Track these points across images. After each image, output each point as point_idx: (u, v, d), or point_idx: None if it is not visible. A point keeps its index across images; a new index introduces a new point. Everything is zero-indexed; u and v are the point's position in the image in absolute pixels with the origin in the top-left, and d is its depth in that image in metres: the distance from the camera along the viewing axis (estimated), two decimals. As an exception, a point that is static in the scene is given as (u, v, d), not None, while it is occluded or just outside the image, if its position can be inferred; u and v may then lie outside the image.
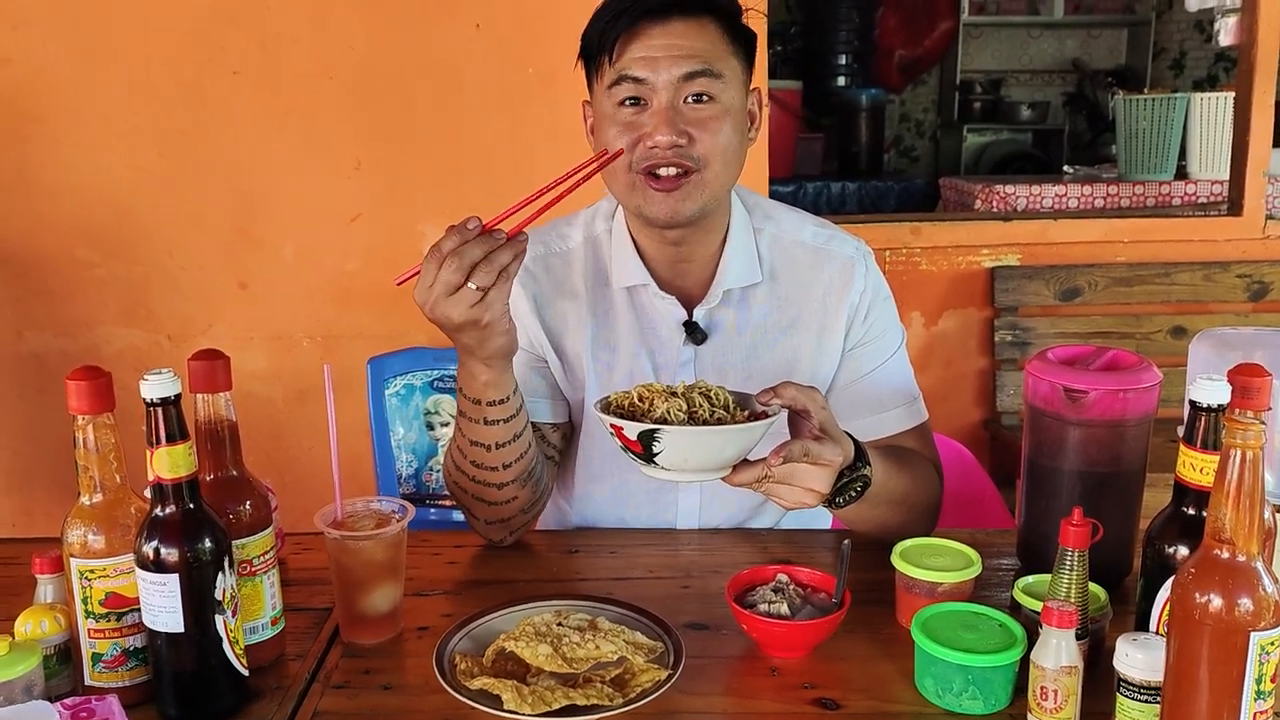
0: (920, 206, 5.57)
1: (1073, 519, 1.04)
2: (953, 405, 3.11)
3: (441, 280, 1.13)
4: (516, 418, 1.31)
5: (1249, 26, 2.98)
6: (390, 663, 1.15)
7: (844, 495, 1.23)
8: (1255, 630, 0.86)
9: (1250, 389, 1.00)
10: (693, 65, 1.29)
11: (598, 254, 1.48)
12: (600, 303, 1.46)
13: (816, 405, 1.17)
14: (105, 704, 0.94)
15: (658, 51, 1.29)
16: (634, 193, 1.35)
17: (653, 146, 1.30)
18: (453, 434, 1.35)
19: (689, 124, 1.30)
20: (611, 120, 1.33)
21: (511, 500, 1.36)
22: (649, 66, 1.29)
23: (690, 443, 1.12)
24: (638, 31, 1.29)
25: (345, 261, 2.72)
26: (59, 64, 2.61)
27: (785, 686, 1.09)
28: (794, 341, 1.46)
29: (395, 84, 2.64)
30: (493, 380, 1.25)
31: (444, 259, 1.13)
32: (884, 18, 6.54)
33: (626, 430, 1.12)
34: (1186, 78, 6.51)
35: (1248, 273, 3.06)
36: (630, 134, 1.31)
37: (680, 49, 1.29)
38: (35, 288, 2.73)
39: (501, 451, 1.31)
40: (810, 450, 1.14)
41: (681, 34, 1.29)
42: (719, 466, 1.15)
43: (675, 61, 1.29)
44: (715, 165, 1.33)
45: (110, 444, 1.03)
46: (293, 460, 2.74)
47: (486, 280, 1.13)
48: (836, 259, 1.47)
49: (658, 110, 1.30)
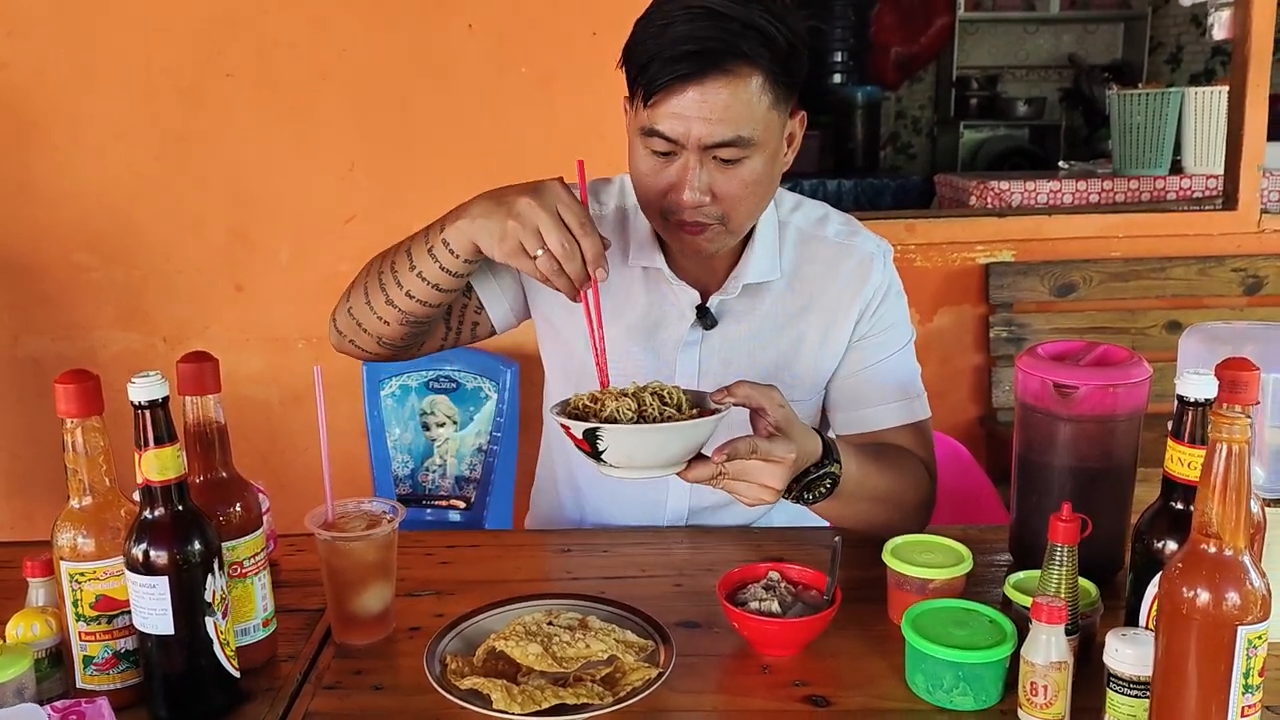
0: (916, 203, 5.57)
1: (1061, 514, 1.05)
2: (948, 402, 3.11)
3: (551, 228, 1.17)
4: (446, 291, 1.32)
5: (1242, 21, 2.98)
6: (382, 663, 1.15)
7: (812, 492, 1.24)
8: (1243, 624, 0.86)
9: (1238, 383, 0.99)
10: (722, 135, 1.24)
11: (624, 225, 1.48)
12: (616, 273, 1.44)
13: (773, 403, 1.17)
14: (95, 706, 0.94)
15: (690, 110, 1.23)
16: (662, 225, 1.36)
17: (678, 201, 1.29)
18: (401, 243, 1.35)
19: (715, 182, 1.28)
20: (643, 161, 1.31)
21: (382, 320, 1.37)
22: (680, 126, 1.24)
23: (631, 441, 1.13)
24: (673, 86, 1.23)
25: (340, 263, 2.71)
26: (56, 68, 2.61)
27: (776, 684, 1.09)
28: (800, 331, 1.46)
29: (389, 86, 2.64)
30: (464, 250, 1.26)
31: (566, 239, 1.17)
32: (880, 14, 6.55)
33: (573, 429, 1.14)
34: (1183, 72, 6.52)
35: (1242, 267, 3.06)
36: (657, 181, 1.30)
37: (713, 114, 1.23)
38: (32, 292, 2.74)
39: (413, 287, 1.32)
40: (759, 447, 1.14)
41: (716, 91, 1.22)
42: (666, 463, 1.15)
43: (706, 126, 1.23)
44: (739, 218, 1.33)
45: (99, 447, 1.03)
46: (288, 462, 2.74)
47: (546, 268, 1.18)
48: (856, 254, 1.47)
49: (684, 168, 1.27)
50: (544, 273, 1.19)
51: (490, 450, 2.59)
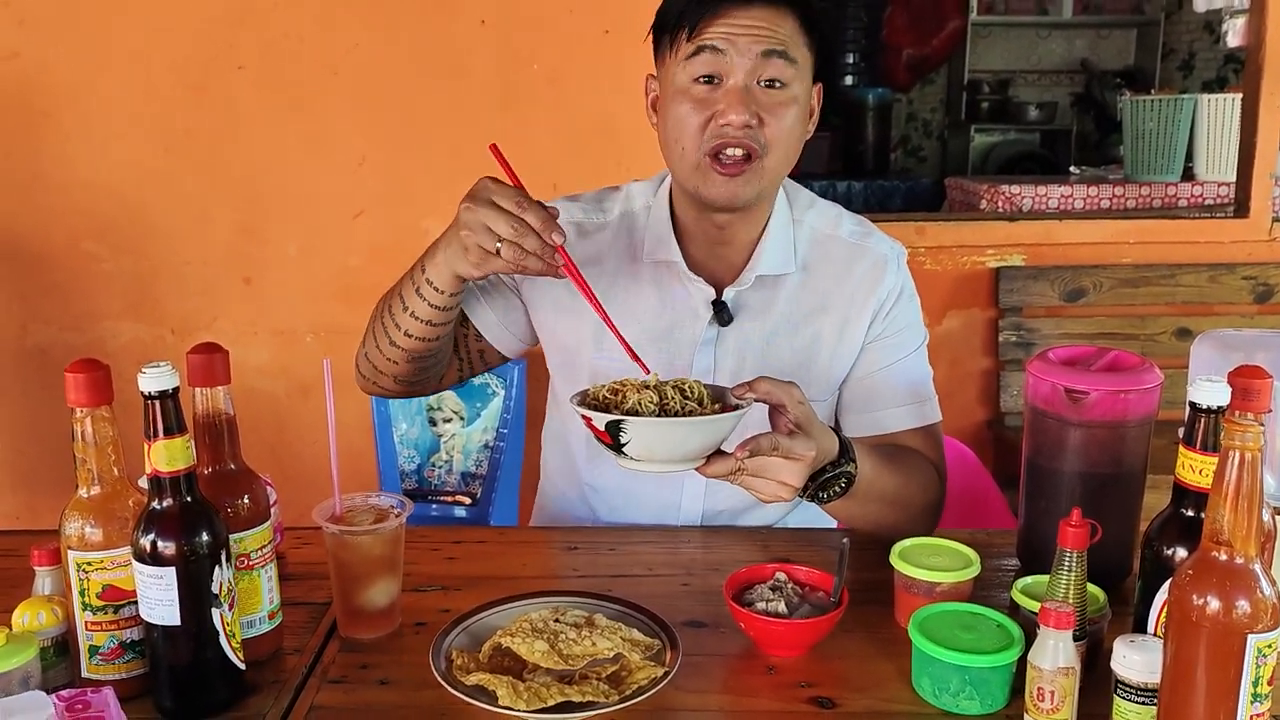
0: (926, 206, 5.56)
1: (1071, 520, 1.04)
2: (956, 405, 3.10)
3: (495, 220, 1.19)
4: (441, 325, 1.36)
5: (1257, 28, 2.97)
6: (387, 658, 1.15)
7: (827, 491, 1.24)
8: (1252, 632, 0.86)
9: (1250, 391, 0.99)
10: (772, 44, 1.31)
11: (631, 228, 1.49)
12: (624, 277, 1.47)
13: (792, 400, 1.17)
14: (101, 696, 0.94)
15: (738, 29, 1.30)
16: (696, 173, 1.36)
17: (724, 124, 1.31)
18: (396, 285, 1.40)
19: (761, 107, 1.32)
20: (685, 95, 1.34)
21: (391, 360, 1.42)
22: (729, 41, 1.30)
23: (654, 433, 1.13)
24: (720, 9, 1.31)
25: (349, 257, 2.72)
26: (66, 59, 2.61)
27: (782, 685, 1.09)
28: (816, 331, 1.46)
29: (399, 81, 2.64)
30: (444, 284, 1.30)
31: (512, 221, 1.18)
32: (892, 16, 6.53)
33: (595, 421, 1.14)
34: (1195, 79, 6.49)
35: (1253, 275, 3.05)
36: (702, 111, 1.33)
37: (760, 29, 1.31)
38: (41, 282, 2.74)
39: (410, 326, 1.36)
40: (780, 444, 1.14)
41: (762, 16, 1.31)
42: (686, 458, 1.15)
43: (755, 39, 1.30)
44: (777, 152, 1.35)
45: (108, 437, 1.03)
46: (295, 455, 2.74)
47: (511, 256, 1.20)
48: (871, 255, 1.48)
49: (732, 89, 1.31)
50: (512, 261, 1.20)
51: (497, 446, 2.59)
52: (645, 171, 1.56)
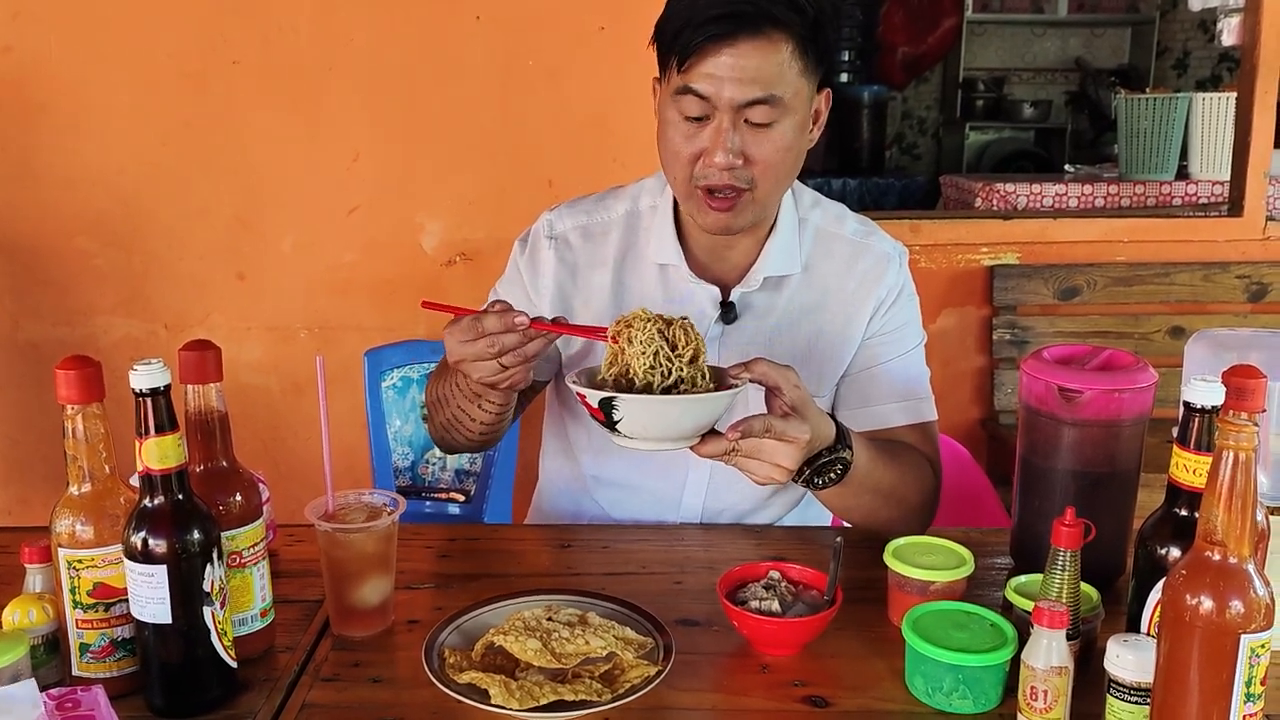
0: (921, 204, 5.56)
1: (1065, 519, 1.04)
2: (950, 403, 3.09)
3: (474, 352, 1.20)
4: (507, 405, 1.37)
5: (1251, 27, 2.97)
6: (380, 656, 1.14)
7: (822, 476, 1.24)
8: (1245, 633, 0.86)
9: (1244, 390, 0.99)
10: (754, 93, 1.27)
11: (635, 228, 1.49)
12: (628, 276, 1.48)
13: (788, 383, 1.17)
14: (91, 695, 0.93)
15: (723, 71, 1.26)
16: (690, 201, 1.37)
17: (709, 166, 1.31)
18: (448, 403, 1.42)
19: (746, 145, 1.30)
20: (674, 128, 1.33)
21: (467, 438, 1.45)
22: (713, 85, 1.27)
23: (647, 411, 1.13)
24: (706, 49, 1.27)
25: (343, 253, 2.72)
26: (62, 52, 2.60)
27: (775, 684, 1.09)
28: (818, 327, 1.47)
29: (395, 76, 2.64)
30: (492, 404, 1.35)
31: (483, 336, 1.19)
32: (888, 14, 6.52)
33: (589, 398, 1.14)
34: (1190, 77, 6.50)
35: (1247, 274, 3.05)
36: (690, 147, 1.32)
37: (745, 72, 1.26)
38: (34, 277, 2.73)
39: (482, 417, 1.39)
40: (773, 426, 1.15)
41: (748, 54, 1.26)
42: (680, 436, 1.16)
43: (738, 86, 1.26)
44: (767, 183, 1.34)
45: (99, 434, 1.03)
46: (288, 451, 2.73)
47: (513, 363, 1.21)
48: (873, 253, 1.49)
49: (717, 131, 1.29)
50: (516, 362, 1.21)
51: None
52: (640, 167, 1.55)
